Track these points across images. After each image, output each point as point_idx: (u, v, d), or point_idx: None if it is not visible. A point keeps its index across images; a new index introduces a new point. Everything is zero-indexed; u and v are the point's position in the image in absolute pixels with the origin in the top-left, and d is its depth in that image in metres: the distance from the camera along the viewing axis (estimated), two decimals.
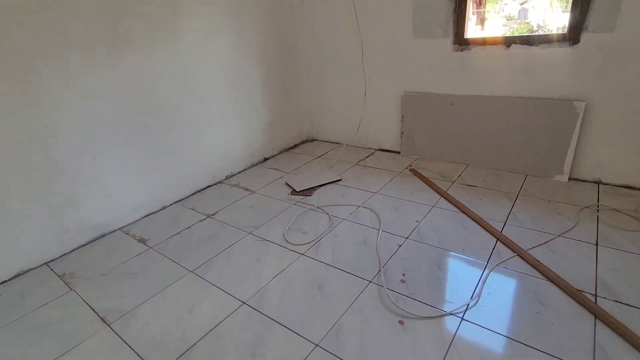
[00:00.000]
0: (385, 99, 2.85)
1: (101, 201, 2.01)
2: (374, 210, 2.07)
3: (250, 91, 2.76)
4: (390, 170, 2.63)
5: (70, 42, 1.74)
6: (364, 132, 3.09)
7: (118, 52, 1.92)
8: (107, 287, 1.61)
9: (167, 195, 2.34)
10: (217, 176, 2.66)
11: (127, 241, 1.98)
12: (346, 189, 2.39)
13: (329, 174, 2.62)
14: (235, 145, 2.75)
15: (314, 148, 3.25)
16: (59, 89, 1.74)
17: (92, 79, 1.85)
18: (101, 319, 1.42)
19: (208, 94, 2.45)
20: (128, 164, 2.09)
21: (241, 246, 1.84)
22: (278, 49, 2.91)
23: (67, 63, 1.75)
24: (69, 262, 1.82)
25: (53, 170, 1.79)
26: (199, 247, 1.86)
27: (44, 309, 1.50)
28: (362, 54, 2.77)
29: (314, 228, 1.95)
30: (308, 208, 2.17)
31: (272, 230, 1.96)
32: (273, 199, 2.33)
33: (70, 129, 1.82)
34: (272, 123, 3.04)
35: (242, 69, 2.65)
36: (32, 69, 1.65)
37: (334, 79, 3.07)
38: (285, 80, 3.06)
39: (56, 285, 1.65)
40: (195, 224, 2.10)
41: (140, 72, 2.04)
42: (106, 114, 1.94)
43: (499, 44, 2.25)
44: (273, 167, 2.89)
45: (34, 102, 1.67)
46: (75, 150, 1.85)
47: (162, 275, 1.66)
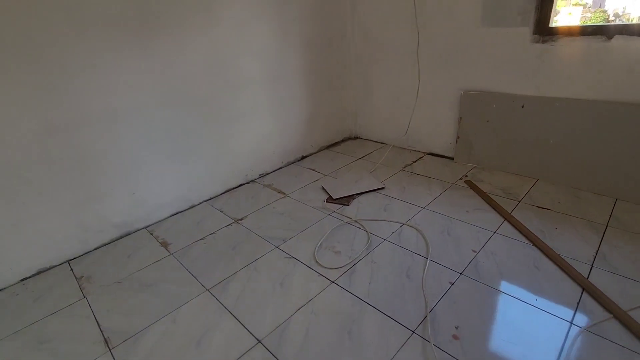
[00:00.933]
0: (440, 97, 2.48)
1: (126, 199, 1.91)
2: (420, 232, 1.76)
3: (289, 83, 2.52)
4: (442, 180, 2.28)
5: (97, 29, 1.60)
6: (413, 133, 2.74)
7: (147, 40, 1.76)
8: (118, 298, 1.49)
9: (196, 194, 2.20)
10: (250, 174, 2.48)
11: (149, 243, 1.86)
12: (389, 200, 2.09)
13: (371, 180, 2.33)
14: (270, 141, 2.55)
15: (357, 147, 2.96)
16: (83, 79, 1.62)
17: (119, 69, 1.71)
18: (105, 340, 1.28)
19: (243, 86, 2.25)
20: (155, 160, 1.96)
21: (266, 263, 1.63)
22: (323, 37, 2.63)
23: (93, 51, 1.61)
24: (90, 263, 1.74)
25: (75, 166, 1.69)
26: (221, 258, 1.69)
27: (51, 318, 1.41)
28: (417, 45, 2.40)
29: (349, 248, 1.69)
30: (345, 221, 1.91)
31: (301, 246, 1.73)
32: (307, 205, 2.10)
33: (94, 121, 1.70)
34: (312, 118, 2.79)
35: (282, 58, 2.42)
36: (56, 57, 1.53)
37: (384, 72, 2.74)
38: (329, 72, 2.78)
39: (71, 289, 1.56)
40: (221, 229, 1.94)
41: (170, 62, 1.88)
42: (133, 106, 1.80)
43: (597, 35, 1.79)
44: (310, 167, 2.65)
45: (56, 93, 1.56)
46: (99, 144, 1.74)
47: (177, 291, 1.50)
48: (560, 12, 2.49)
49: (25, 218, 1.60)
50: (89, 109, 1.67)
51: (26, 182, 1.57)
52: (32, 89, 1.50)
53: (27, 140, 1.53)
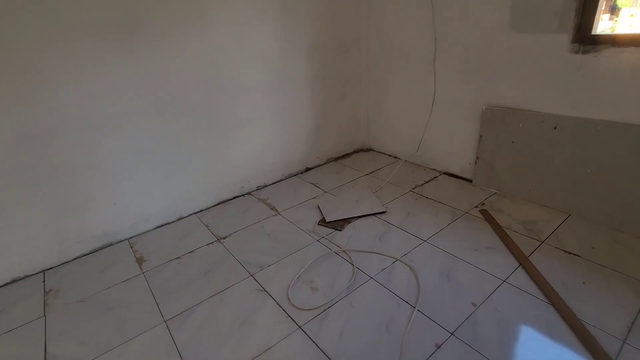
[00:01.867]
0: (459, 112, 2.20)
1: (108, 209, 1.83)
2: (415, 272, 1.52)
3: (294, 90, 2.35)
4: (454, 206, 2.01)
5: (76, 34, 1.53)
6: (427, 149, 2.47)
7: (131, 44, 1.67)
8: (75, 321, 1.40)
9: (185, 205, 2.10)
10: (246, 186, 2.35)
11: (126, 258, 1.77)
12: (388, 227, 1.86)
13: (373, 201, 2.10)
14: (271, 152, 2.39)
15: (367, 161, 2.73)
16: (61, 86, 1.55)
17: (101, 75, 1.63)
18: None
19: (241, 92, 2.11)
20: (140, 169, 1.88)
21: (234, 294, 1.48)
22: (334, 41, 2.43)
23: (71, 57, 1.54)
24: (63, 275, 1.68)
25: (53, 174, 1.63)
26: (190, 284, 1.55)
27: (2, 337, 1.34)
28: (434, 51, 2.13)
29: (329, 284, 1.49)
30: (332, 250, 1.71)
31: (278, 276, 1.56)
32: (297, 227, 1.92)
33: (72, 130, 1.63)
34: (320, 128, 2.61)
35: (287, 63, 2.25)
36: (32, 63, 1.47)
37: (400, 80, 2.49)
38: (341, 79, 2.58)
39: (34, 305, 1.50)
40: (201, 247, 1.81)
41: (158, 67, 1.77)
42: (116, 114, 1.72)
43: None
44: (312, 181, 2.47)
45: (32, 100, 1.50)
46: (78, 153, 1.67)
47: (135, 319, 1.39)
48: (619, 14, 2.13)
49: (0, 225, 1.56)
50: (67, 117, 1.60)
51: (1, 189, 1.52)
52: (6, 95, 1.44)
53: (2, 148, 1.48)
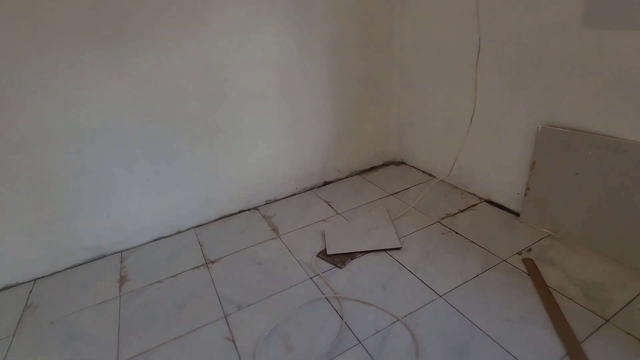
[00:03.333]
0: (506, 128, 1.76)
1: (99, 221, 1.76)
2: (416, 341, 1.19)
3: (311, 96, 2.09)
4: (489, 249, 1.60)
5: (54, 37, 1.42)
6: (466, 169, 2.05)
7: (118, 48, 1.53)
8: (35, 351, 1.31)
9: (184, 219, 1.97)
10: (253, 200, 2.15)
11: (109, 275, 1.68)
12: (399, 269, 1.53)
13: (388, 232, 1.77)
14: (282, 163, 2.16)
15: (396, 177, 2.38)
16: (40, 94, 1.46)
17: (84, 82, 1.52)
18: None
19: (246, 99, 1.90)
20: (133, 181, 1.77)
21: (199, 340, 1.28)
22: (361, 40, 2.11)
23: (50, 63, 1.44)
24: (50, 286, 1.64)
25: (39, 184, 1.58)
26: (159, 318, 1.40)
27: None
28: (477, 53, 1.71)
29: (308, 344, 1.22)
30: (324, 294, 1.43)
31: (253, 322, 1.33)
32: (293, 256, 1.68)
33: (56, 139, 1.55)
34: (341, 138, 2.31)
35: (302, 66, 1.99)
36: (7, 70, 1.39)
37: (435, 85, 2.09)
38: (368, 83, 2.25)
39: (10, 320, 1.46)
40: (186, 272, 1.65)
41: (149, 73, 1.63)
42: (102, 123, 1.61)
43: None
44: (327, 198, 2.20)
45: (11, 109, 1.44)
46: (63, 163, 1.59)
47: (92, 357, 1.25)
48: None
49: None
50: (50, 126, 1.52)
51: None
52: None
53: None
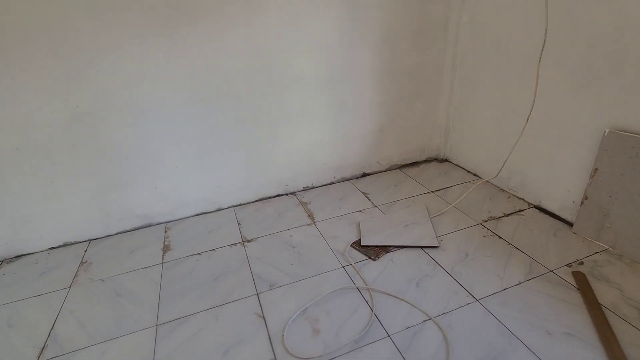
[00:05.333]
0: (565, 131, 1.62)
1: (148, 191, 1.87)
2: (448, 342, 1.16)
3: (356, 85, 2.06)
4: (534, 257, 1.51)
5: (121, 17, 1.51)
6: (517, 171, 1.93)
7: (176, 30, 1.60)
8: (87, 302, 1.44)
9: (224, 197, 2.04)
10: (291, 185, 2.18)
11: (155, 243, 1.79)
12: (434, 268, 1.49)
13: (426, 229, 1.73)
14: (322, 151, 2.17)
15: (438, 174, 2.30)
16: (107, 68, 1.57)
17: (146, 60, 1.61)
18: (39, 353, 1.23)
19: (292, 85, 1.91)
20: (181, 157, 1.86)
21: (232, 313, 1.34)
22: (413, 29, 2.04)
23: (117, 41, 1.54)
24: (102, 248, 1.78)
25: (99, 153, 1.70)
26: (196, 288, 1.47)
27: (23, 303, 1.45)
28: (541, 47, 1.58)
29: (335, 330, 1.23)
30: (355, 284, 1.43)
31: (283, 302, 1.36)
32: (327, 244, 1.69)
33: (118, 111, 1.66)
34: (384, 129, 2.27)
35: (350, 54, 1.96)
36: (80, 46, 1.50)
37: (491, 80, 1.97)
38: (416, 74, 2.18)
39: (67, 275, 1.60)
40: (223, 247, 1.72)
41: (203, 55, 1.68)
42: (158, 99, 1.70)
43: None
44: (365, 189, 2.17)
45: (81, 81, 1.56)
46: (122, 134, 1.71)
47: (134, 314, 1.36)
48: None
49: (52, 194, 1.70)
50: (113, 99, 1.63)
51: (54, 163, 1.64)
52: (58, 76, 1.51)
53: (54, 125, 1.58)
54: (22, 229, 1.71)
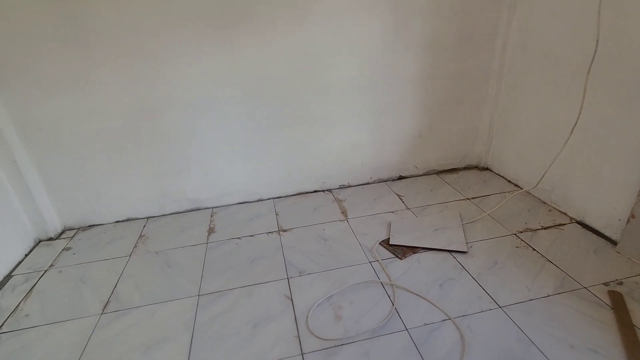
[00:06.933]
0: (613, 145, 1.56)
1: (199, 179, 2.08)
2: (464, 341, 1.19)
3: (397, 89, 2.12)
4: (569, 272, 1.48)
5: (183, 23, 1.71)
6: (560, 184, 1.87)
7: (229, 33, 1.77)
8: (144, 269, 1.66)
9: (265, 190, 2.21)
10: (328, 183, 2.29)
11: (202, 224, 1.99)
12: (460, 273, 1.51)
13: (456, 234, 1.74)
14: (360, 152, 2.25)
15: (476, 182, 2.28)
16: (171, 68, 1.78)
17: (202, 61, 1.80)
18: (104, 305, 1.45)
19: (333, 87, 2.02)
20: (228, 150, 2.04)
21: (264, 292, 1.47)
22: (459, 36, 2.05)
23: (179, 44, 1.74)
24: (157, 225, 2.01)
25: (160, 141, 1.93)
26: (234, 267, 1.63)
27: (93, 264, 1.70)
28: (592, 57, 1.53)
29: (356, 318, 1.31)
30: (379, 279, 1.50)
31: (310, 288, 1.47)
32: (357, 240, 1.77)
33: (177, 107, 1.87)
34: (424, 134, 2.30)
35: (392, 59, 2.03)
36: (151, 49, 1.73)
37: (537, 89, 1.93)
38: (460, 81, 2.18)
39: (128, 244, 1.85)
40: (261, 234, 1.87)
41: (251, 57, 1.84)
42: (211, 97, 1.89)
43: None
44: (400, 192, 2.22)
45: (149, 79, 1.78)
46: (180, 127, 1.92)
47: (180, 284, 1.54)
48: None
49: (121, 175, 1.96)
50: (174, 95, 1.84)
51: (123, 147, 1.90)
52: (130, 73, 1.75)
53: (126, 115, 1.83)
54: (95, 203, 2.00)
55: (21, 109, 1.70)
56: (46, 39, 1.61)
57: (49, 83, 1.69)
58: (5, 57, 1.60)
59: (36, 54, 1.63)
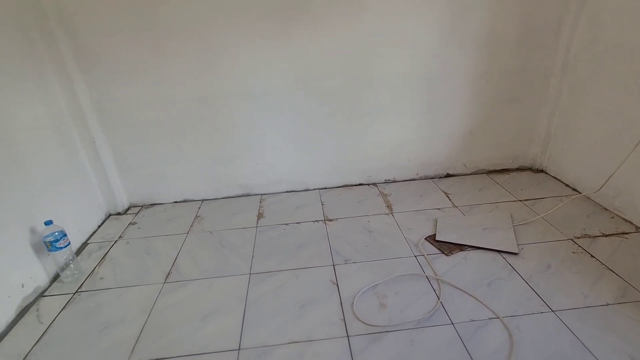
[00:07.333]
0: None
1: (250, 166, 2.19)
2: (513, 341, 1.17)
3: (449, 85, 2.08)
4: (631, 284, 1.39)
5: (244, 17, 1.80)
6: (625, 191, 1.76)
7: (285, 27, 1.84)
8: (200, 246, 1.78)
9: (312, 180, 2.28)
10: (373, 177, 2.32)
11: (252, 210, 2.10)
12: (509, 274, 1.48)
13: (506, 235, 1.70)
14: (407, 147, 2.25)
15: (530, 184, 2.20)
16: (230, 61, 1.89)
17: (259, 54, 1.89)
18: (166, 275, 1.59)
19: (384, 81, 2.03)
20: (279, 140, 2.13)
21: (310, 276, 1.54)
22: (519, 32, 1.97)
23: (240, 36, 1.84)
24: (211, 207, 2.15)
25: (217, 129, 2.06)
26: (283, 251, 1.71)
27: (155, 238, 1.86)
28: None
29: (401, 308, 1.34)
30: (425, 273, 1.51)
31: (355, 276, 1.51)
32: (401, 233, 1.79)
33: (234, 97, 1.98)
34: (475, 132, 2.25)
35: (446, 55, 2.00)
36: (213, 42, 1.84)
37: (605, 88, 1.81)
38: (517, 78, 2.10)
39: (186, 223, 2.00)
40: (307, 222, 1.94)
41: (305, 50, 1.91)
42: (266, 89, 1.98)
43: None
44: (447, 189, 2.20)
45: (210, 70, 1.90)
46: (235, 116, 2.03)
47: (233, 262, 1.65)
48: None
49: (180, 159, 2.11)
50: (233, 86, 1.95)
51: (183, 133, 2.05)
52: (194, 65, 1.88)
53: (187, 104, 1.97)
54: (157, 184, 2.17)
55: (100, 94, 1.89)
56: (124, 31, 1.77)
57: (125, 71, 1.86)
58: (89, 47, 1.79)
59: (115, 44, 1.80)
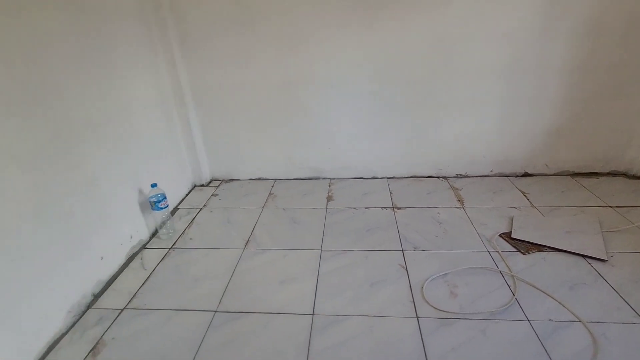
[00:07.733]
0: None
1: (322, 151, 2.28)
2: (597, 346, 1.12)
3: (539, 78, 1.97)
4: None
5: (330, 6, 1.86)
6: None
7: (369, 17, 1.87)
8: (273, 221, 1.92)
9: (380, 168, 2.31)
10: (444, 170, 2.28)
11: (321, 191, 2.20)
12: (595, 280, 1.39)
13: (593, 240, 1.59)
14: (483, 142, 2.18)
15: (623, 191, 2.01)
16: (312, 48, 1.97)
17: (341, 42, 1.94)
18: (245, 242, 1.74)
19: (467, 73, 1.98)
20: (352, 127, 2.18)
21: (380, 258, 1.58)
22: (625, 22, 1.80)
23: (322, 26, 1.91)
24: (284, 186, 2.29)
25: (295, 113, 2.17)
26: (351, 233, 1.77)
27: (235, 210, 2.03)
28: None
29: (472, 299, 1.33)
30: (498, 268, 1.48)
31: (425, 263, 1.53)
32: (473, 227, 1.75)
33: (313, 83, 2.06)
34: (561, 130, 2.10)
35: (538, 45, 1.89)
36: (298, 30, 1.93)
37: None
38: (618, 73, 1.93)
39: (261, 199, 2.15)
40: (376, 208, 1.99)
41: (388, 40, 1.92)
42: (345, 76, 2.03)
43: None
44: (525, 189, 2.09)
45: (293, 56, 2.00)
46: (313, 101, 2.12)
47: (305, 237, 1.75)
48: None
49: (259, 140, 2.27)
50: (313, 72, 2.04)
51: (263, 116, 2.19)
52: (279, 51, 1.99)
53: (271, 88, 2.10)
54: (237, 161, 2.36)
55: (196, 76, 2.09)
56: (222, 19, 1.94)
57: (220, 56, 2.03)
58: (191, 34, 1.98)
59: (213, 31, 1.97)
